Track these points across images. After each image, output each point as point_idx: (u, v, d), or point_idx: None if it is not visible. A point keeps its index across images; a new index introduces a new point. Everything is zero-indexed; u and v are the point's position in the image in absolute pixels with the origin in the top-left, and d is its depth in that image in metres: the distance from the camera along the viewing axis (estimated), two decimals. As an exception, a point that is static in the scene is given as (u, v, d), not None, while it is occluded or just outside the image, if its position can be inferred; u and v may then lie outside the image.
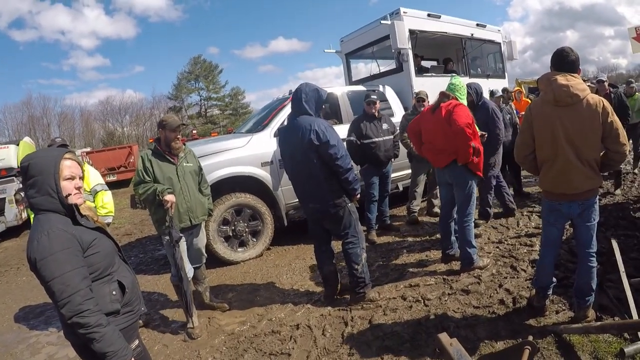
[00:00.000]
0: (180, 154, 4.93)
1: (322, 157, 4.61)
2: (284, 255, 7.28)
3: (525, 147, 4.02)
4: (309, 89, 4.83)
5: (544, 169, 3.92)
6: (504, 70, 12.91)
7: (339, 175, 4.68)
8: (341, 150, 4.62)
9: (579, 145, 3.66)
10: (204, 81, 65.92)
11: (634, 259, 5.29)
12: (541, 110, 3.83)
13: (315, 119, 4.71)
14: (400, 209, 9.41)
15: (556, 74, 3.72)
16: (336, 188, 4.76)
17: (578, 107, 3.62)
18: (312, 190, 4.84)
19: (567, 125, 3.65)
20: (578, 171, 3.69)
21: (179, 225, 4.77)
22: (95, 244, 2.38)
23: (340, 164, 4.61)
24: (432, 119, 5.54)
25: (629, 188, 9.26)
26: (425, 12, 10.44)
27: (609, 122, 3.60)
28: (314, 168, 4.67)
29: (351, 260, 4.95)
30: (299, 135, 4.63)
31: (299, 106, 4.79)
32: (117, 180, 22.18)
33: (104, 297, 2.35)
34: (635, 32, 15.17)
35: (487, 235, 7.00)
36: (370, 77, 11.61)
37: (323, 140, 4.53)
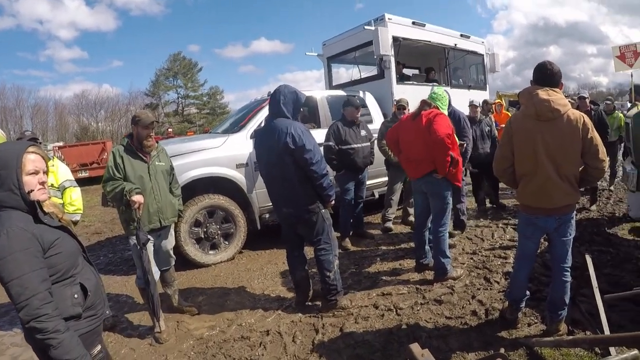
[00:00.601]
0: (152, 152, 4.86)
1: (298, 162, 4.59)
2: (256, 259, 7.24)
3: (505, 160, 4.04)
4: (288, 91, 4.80)
5: (523, 183, 3.95)
6: (485, 82, 13.05)
7: (314, 180, 4.66)
8: (317, 155, 4.61)
9: (559, 160, 3.69)
10: (182, 79, 65.72)
11: (608, 274, 5.40)
12: (522, 124, 3.86)
13: (292, 122, 4.68)
14: (375, 216, 9.44)
15: (538, 88, 3.75)
16: (310, 193, 4.74)
17: (559, 122, 3.66)
18: (286, 195, 4.81)
19: (548, 140, 3.68)
20: (557, 186, 3.72)
21: (147, 227, 4.70)
22: (57, 244, 2.29)
23: (315, 169, 4.59)
24: (412, 126, 5.56)
25: (604, 204, 9.40)
26: (410, 20, 10.50)
27: (589, 138, 3.64)
28: (289, 172, 4.65)
29: (323, 267, 4.93)
30: (275, 137, 4.60)
31: (277, 108, 4.76)
32: (89, 177, 21.97)
33: (64, 301, 2.28)
34: (619, 51, 15.43)
35: (461, 246, 7.04)
36: (351, 83, 11.63)
37: (299, 144, 4.50)
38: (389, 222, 8.26)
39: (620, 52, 15.42)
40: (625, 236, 7.02)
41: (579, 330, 4.12)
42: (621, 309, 4.48)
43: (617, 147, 11.31)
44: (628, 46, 15.44)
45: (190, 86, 66.46)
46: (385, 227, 8.24)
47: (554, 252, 4.02)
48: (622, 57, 15.38)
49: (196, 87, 67.23)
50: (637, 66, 15.32)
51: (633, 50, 15.20)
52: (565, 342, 3.75)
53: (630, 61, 15.22)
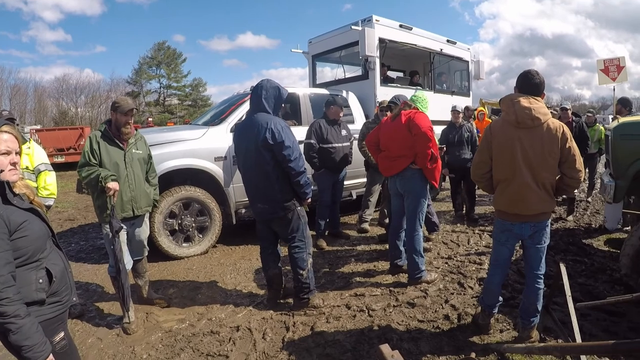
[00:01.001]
0: (130, 140, 4.82)
1: (276, 157, 4.58)
2: (230, 254, 7.21)
3: (483, 165, 4.06)
4: (270, 85, 4.79)
5: (499, 189, 3.97)
6: (469, 89, 13.13)
7: (291, 177, 4.66)
8: (295, 152, 4.60)
9: (536, 167, 3.72)
10: (165, 69, 65.33)
11: (582, 284, 5.50)
12: (501, 131, 3.88)
13: (273, 117, 4.67)
14: (352, 217, 9.46)
15: (519, 96, 3.79)
16: (287, 190, 4.74)
17: (538, 130, 3.70)
18: (262, 190, 4.78)
19: (526, 147, 3.72)
20: (533, 193, 3.76)
21: (120, 215, 4.65)
22: (24, 226, 2.24)
23: (293, 166, 4.58)
24: (392, 125, 5.63)
25: (581, 215, 9.56)
26: (398, 23, 10.51)
27: (567, 147, 3.69)
28: (267, 168, 4.63)
29: (297, 265, 4.92)
30: (255, 132, 4.59)
31: (258, 103, 4.75)
32: (65, 162, 21.79)
33: (28, 285, 2.24)
34: (604, 64, 15.58)
35: (437, 251, 7.07)
36: (335, 82, 11.62)
37: (278, 140, 4.50)
38: (365, 223, 8.28)
39: (604, 65, 15.57)
40: (600, 247, 7.13)
41: (551, 338, 4.16)
42: (594, 318, 4.56)
43: (596, 159, 11.50)
44: (612, 60, 15.59)
45: (173, 76, 66.09)
46: (362, 228, 8.25)
47: (528, 259, 4.06)
48: (606, 70, 15.54)
49: (179, 77, 66.92)
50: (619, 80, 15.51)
51: (616, 64, 15.36)
52: (536, 349, 3.76)
53: (613, 75, 15.37)
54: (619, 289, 5.21)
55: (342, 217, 8.48)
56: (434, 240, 7.60)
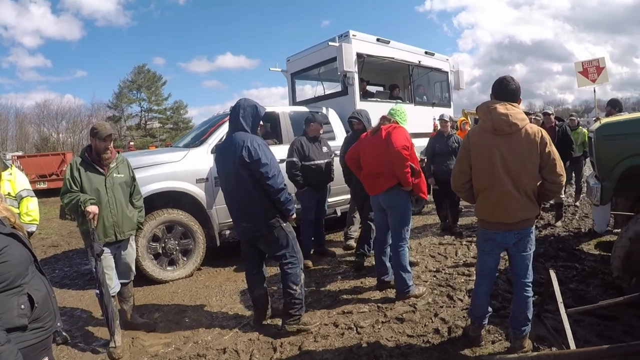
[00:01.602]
0: (111, 164, 4.81)
1: (254, 176, 4.58)
2: (215, 276, 7.14)
3: (462, 175, 4.06)
4: (247, 104, 4.83)
5: (480, 198, 3.97)
6: (449, 100, 13.20)
7: (271, 195, 4.64)
8: (273, 169, 4.58)
9: (516, 174, 3.73)
10: (146, 92, 65.05)
11: (573, 289, 5.50)
12: (479, 139, 3.90)
13: (250, 135, 4.69)
14: (337, 234, 9.40)
15: (496, 103, 3.81)
16: (269, 207, 4.71)
17: (516, 136, 3.71)
18: (245, 209, 4.77)
19: (505, 154, 3.72)
20: (515, 200, 3.75)
21: (103, 240, 4.62)
22: (5, 251, 2.17)
23: (271, 183, 4.56)
24: (372, 141, 5.64)
25: (569, 220, 9.60)
26: (375, 37, 10.57)
27: (547, 152, 3.70)
28: (247, 186, 4.64)
29: (290, 280, 4.84)
30: (233, 151, 4.62)
31: (236, 122, 4.79)
32: (47, 188, 21.64)
33: (10, 311, 2.16)
34: (582, 66, 15.77)
35: (424, 264, 7.03)
36: (315, 99, 11.65)
37: (254, 158, 4.50)
38: (351, 240, 8.23)
39: (582, 67, 15.74)
40: (591, 251, 7.16)
41: (545, 347, 4.13)
42: (587, 323, 4.55)
43: (581, 163, 11.62)
44: (591, 62, 15.76)
45: (153, 100, 65.82)
46: (348, 245, 8.20)
47: (515, 267, 4.04)
48: (584, 72, 15.70)
49: (160, 100, 66.62)
50: (600, 81, 15.67)
51: (596, 66, 15.53)
52: (529, 358, 3.76)
53: (593, 76, 15.54)
54: (611, 293, 5.17)
55: (327, 235, 8.45)
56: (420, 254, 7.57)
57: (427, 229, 9.18)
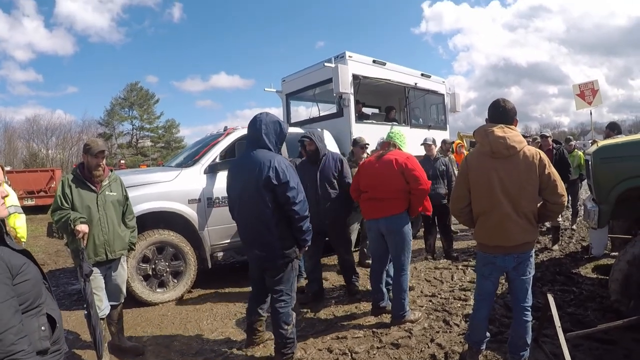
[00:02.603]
0: (104, 182, 4.79)
1: (278, 199, 4.30)
2: (206, 299, 7.07)
3: (461, 199, 4.08)
4: (270, 120, 4.52)
5: (480, 222, 3.98)
6: (445, 122, 13.30)
7: (294, 222, 4.37)
8: (300, 194, 4.33)
9: (515, 197, 3.75)
10: (138, 110, 65.25)
11: (571, 313, 5.51)
12: (477, 162, 3.93)
13: (276, 155, 4.40)
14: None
15: (493, 126, 3.85)
16: (287, 236, 4.43)
17: (515, 158, 3.74)
18: (259, 235, 4.44)
19: (504, 177, 3.75)
20: (514, 224, 3.77)
21: (93, 259, 4.58)
22: (24, 270, 2.08)
23: (298, 209, 4.30)
24: (379, 166, 5.62)
25: (566, 244, 9.65)
26: (371, 58, 10.65)
27: (547, 174, 3.73)
28: (266, 210, 4.32)
29: (281, 320, 4.58)
30: (255, 171, 4.29)
31: (258, 139, 4.46)
32: (35, 205, 21.52)
33: (32, 334, 2.04)
34: (579, 89, 15.96)
35: (420, 289, 7.01)
36: (310, 120, 11.67)
37: (282, 181, 4.22)
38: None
39: (580, 90, 15.97)
40: (588, 275, 7.19)
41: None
42: (586, 347, 4.55)
43: (577, 186, 11.72)
44: (586, 84, 16.02)
45: (145, 118, 66.01)
46: (342, 269, 8.10)
47: (514, 291, 4.04)
48: (582, 95, 15.94)
49: (152, 119, 66.83)
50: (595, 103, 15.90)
51: (591, 88, 15.77)
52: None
53: (589, 99, 15.77)
54: (609, 316, 5.16)
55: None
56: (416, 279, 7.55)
57: (422, 253, 9.14)
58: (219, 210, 7.19)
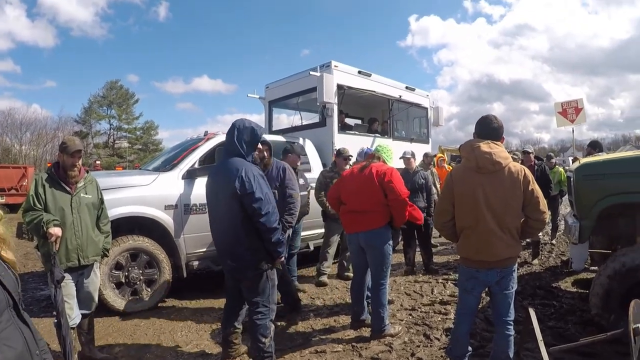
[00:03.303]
0: (79, 183, 4.68)
1: (246, 210, 4.21)
2: (181, 310, 6.95)
3: (445, 213, 4.11)
4: (243, 125, 4.44)
5: (463, 236, 4.01)
6: (428, 136, 13.40)
7: (262, 234, 4.26)
8: (267, 205, 4.21)
9: (500, 212, 3.79)
10: (117, 109, 64.40)
11: (552, 327, 5.58)
12: (462, 177, 3.97)
13: (246, 163, 4.32)
14: (309, 269, 9.31)
15: (479, 141, 3.90)
16: (257, 247, 4.32)
17: (500, 174, 3.80)
18: (231, 247, 4.37)
19: (489, 192, 3.80)
20: (498, 239, 3.81)
21: (65, 264, 4.45)
22: None
23: (264, 221, 4.18)
24: (359, 178, 5.60)
25: (546, 258, 9.79)
26: (357, 69, 10.67)
27: (530, 190, 3.80)
28: (236, 220, 4.25)
29: (258, 332, 4.47)
30: (226, 180, 4.23)
31: (231, 145, 4.43)
32: (5, 203, 21.14)
33: None
34: (561, 107, 16.20)
35: (399, 302, 6.99)
36: (292, 129, 11.65)
37: (248, 191, 4.12)
38: (324, 276, 8.15)
39: (562, 108, 16.23)
40: (568, 288, 7.29)
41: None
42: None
43: (558, 201, 11.85)
44: (570, 102, 16.27)
45: (124, 118, 65.29)
46: (320, 281, 8.11)
47: (496, 306, 4.08)
48: (564, 113, 16.17)
49: (130, 119, 66.13)
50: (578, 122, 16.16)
51: (574, 107, 16.03)
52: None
53: (571, 117, 16.01)
54: (590, 330, 5.23)
55: (299, 270, 8.33)
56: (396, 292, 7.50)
57: (402, 266, 9.12)
58: (196, 218, 7.09)
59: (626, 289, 4.90)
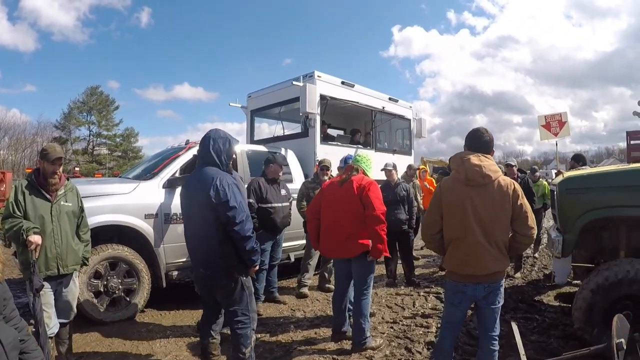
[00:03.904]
0: (59, 191, 4.66)
1: (220, 219, 4.26)
2: (160, 320, 6.92)
3: (433, 225, 4.10)
4: (218, 135, 4.54)
5: (451, 249, 4.01)
6: (411, 147, 13.45)
7: (236, 242, 4.29)
8: (241, 214, 4.27)
9: (488, 225, 3.80)
10: (97, 115, 64.19)
11: (534, 341, 5.61)
12: (451, 189, 3.97)
13: (221, 172, 4.39)
14: (290, 281, 9.32)
15: (469, 154, 3.92)
16: (231, 255, 4.34)
17: (489, 187, 3.81)
18: (205, 254, 4.41)
19: (477, 205, 3.80)
20: (486, 252, 3.81)
21: (44, 273, 4.43)
22: None
23: (238, 229, 4.23)
24: (340, 192, 5.58)
25: (528, 272, 9.83)
26: (340, 80, 10.71)
27: (519, 205, 3.81)
28: (210, 229, 4.30)
29: (239, 342, 4.50)
30: (200, 189, 4.30)
31: (206, 155, 4.49)
32: (-18, 209, 20.73)
33: None
34: (545, 120, 16.36)
35: (381, 315, 6.99)
36: (274, 139, 11.65)
37: (222, 200, 4.18)
38: (304, 288, 8.17)
39: (545, 121, 16.40)
40: (551, 302, 7.32)
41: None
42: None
43: (541, 215, 11.83)
44: (553, 115, 16.44)
45: (104, 124, 64.99)
46: (301, 292, 8.12)
47: (482, 320, 4.07)
48: (547, 126, 16.34)
49: (110, 126, 65.84)
50: (562, 135, 16.31)
51: (558, 120, 16.21)
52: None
53: (555, 130, 16.18)
54: (573, 344, 5.24)
55: (280, 281, 8.33)
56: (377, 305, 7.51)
57: (383, 279, 9.16)
58: (175, 227, 7.04)
59: (609, 303, 4.97)
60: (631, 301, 4.93)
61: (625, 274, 4.94)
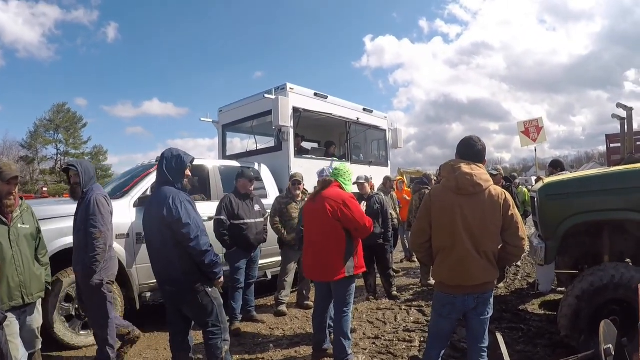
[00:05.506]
0: (15, 213, 4.46)
1: (176, 236, 4.38)
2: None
3: (422, 233, 4.10)
4: (171, 154, 4.68)
5: (439, 258, 4.00)
6: (387, 158, 13.47)
7: (195, 258, 4.41)
8: (195, 230, 4.37)
9: (477, 235, 3.79)
10: (64, 133, 63.49)
11: (520, 351, 5.60)
12: (441, 197, 3.97)
13: (174, 191, 4.49)
14: (267, 299, 9.25)
15: (461, 162, 3.92)
16: (192, 270, 4.46)
17: (480, 197, 3.81)
18: (168, 271, 4.53)
19: (467, 214, 3.80)
20: (476, 262, 3.80)
21: (7, 304, 4.24)
22: None
23: (194, 245, 4.34)
24: (313, 209, 5.59)
25: (512, 281, 9.85)
26: (312, 91, 10.74)
27: (510, 215, 3.82)
28: (167, 246, 4.43)
29: (211, 352, 4.63)
30: (156, 208, 4.46)
31: (161, 175, 4.64)
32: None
33: None
34: (524, 126, 16.52)
35: (362, 330, 6.95)
36: (247, 153, 11.62)
37: (175, 218, 4.31)
38: (282, 306, 8.10)
39: (525, 127, 16.57)
40: (535, 311, 7.34)
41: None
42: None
43: None
44: (531, 121, 16.70)
45: (71, 142, 64.30)
46: (279, 310, 8.05)
47: (471, 332, 4.08)
48: (526, 132, 16.58)
49: (78, 144, 65.17)
50: (540, 140, 16.52)
51: (535, 125, 16.37)
52: None
53: (533, 136, 16.41)
54: (559, 352, 5.23)
55: (257, 300, 8.30)
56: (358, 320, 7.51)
57: (363, 293, 9.09)
58: (148, 247, 6.95)
59: (595, 309, 4.99)
60: (617, 305, 4.97)
61: (611, 279, 4.95)
